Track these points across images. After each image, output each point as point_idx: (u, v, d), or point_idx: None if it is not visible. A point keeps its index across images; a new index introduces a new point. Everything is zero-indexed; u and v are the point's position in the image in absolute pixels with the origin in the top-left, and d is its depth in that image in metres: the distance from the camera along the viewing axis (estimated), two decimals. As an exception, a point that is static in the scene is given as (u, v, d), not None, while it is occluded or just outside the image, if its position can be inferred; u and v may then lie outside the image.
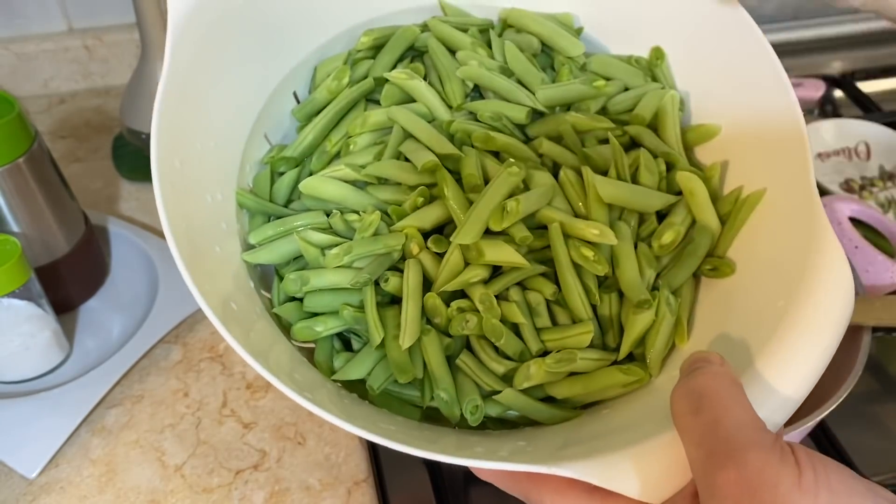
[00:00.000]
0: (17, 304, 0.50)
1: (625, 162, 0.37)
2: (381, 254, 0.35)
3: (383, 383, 0.34)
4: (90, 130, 0.77)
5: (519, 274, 0.35)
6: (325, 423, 0.52)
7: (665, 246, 0.36)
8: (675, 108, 0.40)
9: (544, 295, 0.35)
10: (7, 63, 0.78)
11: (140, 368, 0.55)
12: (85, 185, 0.71)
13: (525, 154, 0.38)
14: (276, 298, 0.37)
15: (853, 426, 0.54)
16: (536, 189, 0.36)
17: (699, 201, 0.36)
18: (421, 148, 0.37)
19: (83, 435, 0.51)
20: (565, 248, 0.35)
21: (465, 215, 0.34)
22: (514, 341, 0.34)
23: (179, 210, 0.31)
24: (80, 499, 0.48)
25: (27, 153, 0.50)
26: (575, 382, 0.34)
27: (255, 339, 0.31)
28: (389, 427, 0.31)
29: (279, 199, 0.39)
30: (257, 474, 0.49)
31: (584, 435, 0.32)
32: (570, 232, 0.35)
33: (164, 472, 0.49)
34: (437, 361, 0.34)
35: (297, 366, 0.33)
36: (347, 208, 0.37)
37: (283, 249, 0.37)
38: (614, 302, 0.36)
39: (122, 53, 0.80)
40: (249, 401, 0.54)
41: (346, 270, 0.35)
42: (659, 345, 0.34)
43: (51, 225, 0.54)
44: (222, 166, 0.37)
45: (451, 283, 0.34)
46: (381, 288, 0.35)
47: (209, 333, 0.58)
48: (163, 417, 0.53)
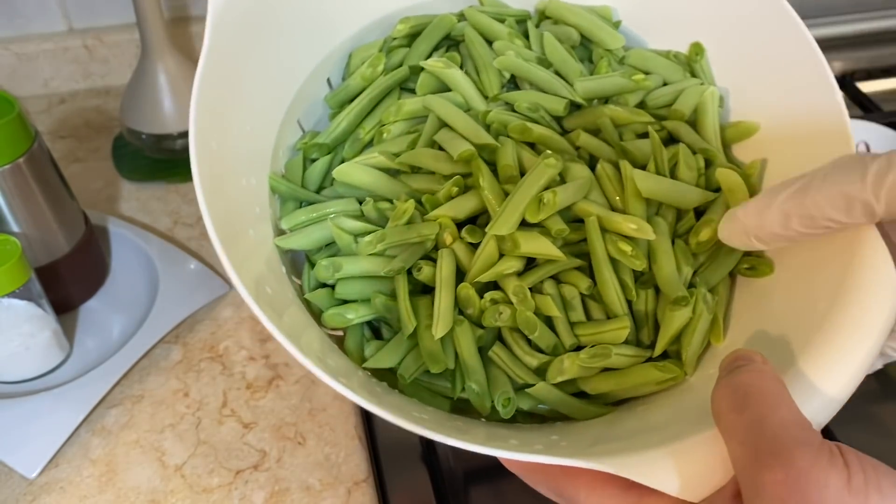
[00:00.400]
0: (18, 305, 0.50)
1: (664, 157, 0.37)
2: (415, 242, 0.35)
3: (414, 373, 0.34)
4: (90, 130, 0.77)
5: (554, 267, 0.35)
6: (325, 423, 0.52)
7: (703, 243, 0.35)
8: (715, 104, 0.40)
9: (579, 289, 0.35)
10: (7, 63, 0.78)
11: (140, 368, 0.55)
12: (85, 185, 0.71)
13: (562, 146, 0.37)
14: (307, 285, 0.36)
15: (853, 426, 0.54)
16: (574, 182, 0.35)
17: (738, 198, 0.36)
18: (456, 137, 0.36)
19: (83, 435, 0.51)
20: (602, 242, 0.34)
21: (501, 206, 0.34)
22: (547, 335, 0.34)
23: (216, 192, 0.31)
24: (80, 499, 0.48)
25: (27, 153, 0.50)
26: (609, 378, 0.33)
27: (287, 324, 0.30)
28: (422, 416, 0.30)
29: (311, 185, 0.39)
30: (257, 474, 0.50)
31: (618, 432, 0.31)
32: (608, 226, 0.34)
33: (165, 472, 0.50)
34: (469, 352, 0.33)
35: (329, 352, 0.33)
36: (380, 196, 0.37)
37: (316, 235, 0.36)
38: (650, 298, 0.35)
39: (123, 53, 0.80)
40: (249, 401, 0.54)
41: (379, 258, 0.35)
42: (695, 343, 0.34)
43: (51, 225, 0.54)
44: (257, 151, 0.37)
45: (486, 274, 0.34)
46: (414, 277, 0.35)
47: (209, 333, 0.58)
48: (163, 417, 0.53)
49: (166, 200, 0.69)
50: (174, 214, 0.68)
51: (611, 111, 0.39)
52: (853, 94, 0.86)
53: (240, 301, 0.60)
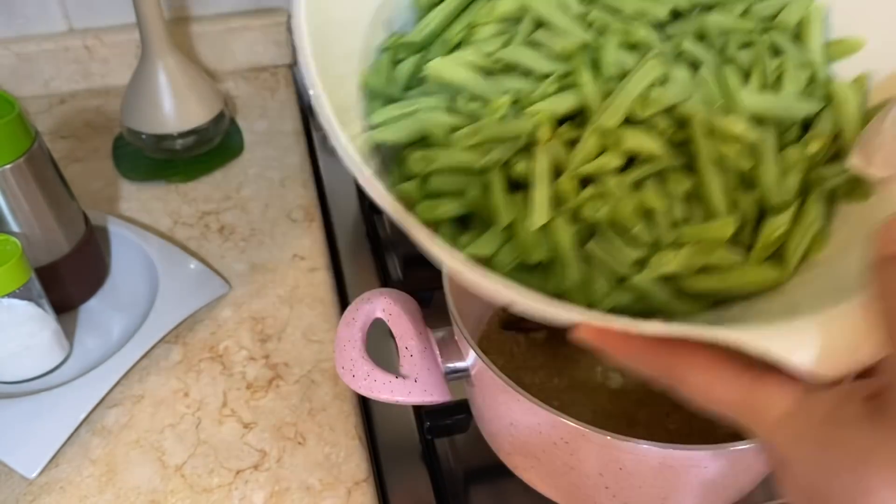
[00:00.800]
0: (18, 304, 0.50)
1: (769, 66, 0.36)
2: (511, 137, 0.34)
3: (510, 263, 0.33)
4: (90, 131, 0.77)
5: (655, 165, 0.34)
6: (325, 423, 0.52)
7: (810, 156, 0.35)
8: (821, 18, 0.39)
9: (681, 189, 0.34)
10: (7, 63, 0.78)
11: (140, 368, 0.55)
12: (85, 185, 0.71)
13: (665, 50, 0.37)
14: (392, 181, 0.36)
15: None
16: (679, 82, 0.35)
17: (849, 111, 0.35)
18: (556, 35, 0.36)
19: (83, 435, 0.51)
20: (707, 142, 0.33)
21: (606, 101, 0.33)
22: (647, 230, 0.33)
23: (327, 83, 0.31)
24: (81, 499, 0.48)
25: (27, 153, 0.50)
26: (710, 277, 0.32)
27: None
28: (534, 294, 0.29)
29: (399, 85, 0.38)
30: (257, 474, 0.50)
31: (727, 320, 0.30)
32: (713, 126, 0.34)
33: (165, 472, 0.50)
34: (566, 244, 0.32)
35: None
36: (474, 94, 0.36)
37: (411, 128, 0.35)
38: (752, 202, 0.34)
39: (123, 54, 0.81)
40: (249, 401, 0.54)
41: (474, 151, 0.34)
42: (797, 248, 0.33)
43: (51, 225, 0.54)
44: (348, 51, 0.37)
45: (586, 167, 0.33)
46: (510, 172, 0.34)
47: (209, 333, 0.58)
48: (163, 417, 0.53)
49: (166, 200, 0.69)
50: (174, 214, 0.68)
51: (715, 18, 0.38)
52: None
53: (240, 301, 0.60)
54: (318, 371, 0.56)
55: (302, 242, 0.66)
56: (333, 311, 0.60)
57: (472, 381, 0.45)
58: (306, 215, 0.68)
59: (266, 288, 0.62)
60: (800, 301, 0.27)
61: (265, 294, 0.61)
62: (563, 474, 0.43)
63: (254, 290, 0.61)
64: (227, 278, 0.62)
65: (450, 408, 0.53)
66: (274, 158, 0.74)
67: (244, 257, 0.64)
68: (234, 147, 0.75)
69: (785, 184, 0.34)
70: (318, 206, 0.70)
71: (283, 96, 0.82)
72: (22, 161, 0.50)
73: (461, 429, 0.54)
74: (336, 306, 0.61)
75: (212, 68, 0.85)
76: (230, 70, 0.85)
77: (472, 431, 0.53)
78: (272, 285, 0.62)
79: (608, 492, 0.42)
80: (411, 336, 0.45)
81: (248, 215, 0.68)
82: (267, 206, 0.69)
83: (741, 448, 0.38)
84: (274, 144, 0.76)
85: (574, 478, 0.43)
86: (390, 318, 0.46)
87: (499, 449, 0.48)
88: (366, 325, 0.46)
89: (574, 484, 0.43)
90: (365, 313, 0.46)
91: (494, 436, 0.47)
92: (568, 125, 0.35)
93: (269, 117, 0.80)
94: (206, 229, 0.67)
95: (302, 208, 0.69)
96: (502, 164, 0.34)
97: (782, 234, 0.33)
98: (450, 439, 0.54)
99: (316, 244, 0.66)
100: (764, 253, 0.33)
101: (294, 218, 0.68)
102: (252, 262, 0.64)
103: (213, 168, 0.73)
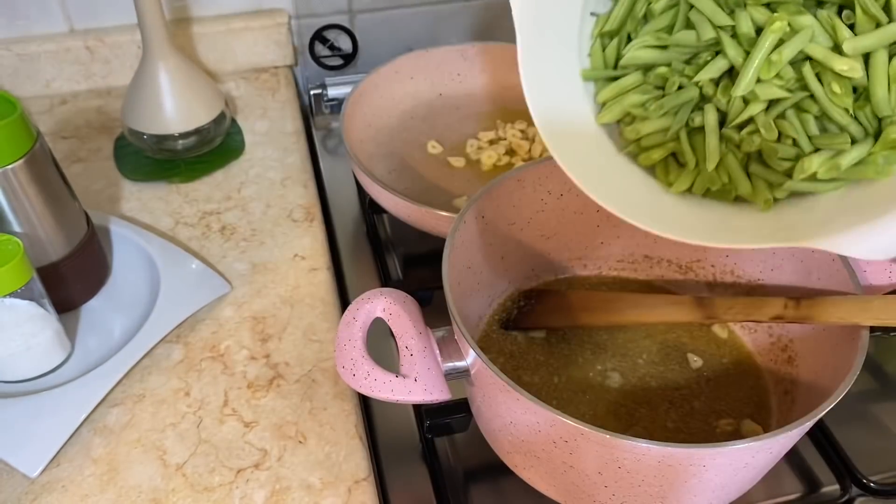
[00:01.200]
0: (19, 304, 0.50)
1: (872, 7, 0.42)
2: (685, 102, 0.46)
3: (703, 189, 0.45)
4: (92, 131, 0.78)
5: (789, 101, 0.43)
6: (326, 422, 0.52)
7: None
8: None
9: (812, 113, 0.42)
10: (9, 64, 0.79)
11: (141, 368, 0.55)
12: (87, 185, 0.71)
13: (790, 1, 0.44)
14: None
15: (851, 425, 0.55)
16: (799, 35, 0.42)
17: None
18: (704, 20, 0.45)
19: (85, 434, 0.52)
20: (818, 84, 0.42)
21: (742, 66, 0.42)
22: (790, 150, 0.43)
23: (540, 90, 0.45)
24: (82, 498, 0.48)
25: (29, 154, 0.51)
26: (835, 168, 0.41)
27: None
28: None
29: (609, 63, 0.48)
30: (258, 473, 0.50)
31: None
32: (825, 64, 0.41)
33: (166, 471, 0.50)
34: (735, 170, 0.44)
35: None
36: (660, 64, 0.47)
37: (618, 109, 0.47)
38: (871, 116, 0.42)
39: (124, 54, 0.81)
40: (251, 400, 0.54)
41: (664, 118, 0.46)
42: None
43: (52, 225, 0.54)
44: (565, 45, 0.48)
45: (738, 118, 0.43)
46: (691, 125, 0.46)
47: (210, 333, 0.58)
48: (164, 416, 0.53)
49: (168, 200, 0.70)
50: (175, 214, 0.68)
51: None
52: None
53: (241, 300, 0.60)
54: (319, 370, 0.56)
55: (302, 242, 0.66)
56: (334, 311, 0.60)
57: (472, 380, 0.46)
58: (307, 215, 0.68)
59: (267, 288, 0.62)
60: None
61: (266, 294, 0.61)
62: (563, 473, 0.43)
63: (255, 289, 0.62)
64: (228, 278, 0.62)
65: (450, 407, 0.53)
66: (274, 159, 0.74)
67: (245, 257, 0.64)
68: (235, 147, 0.75)
69: (892, 98, 0.42)
70: (319, 206, 0.70)
71: (284, 97, 0.83)
72: (24, 161, 0.50)
73: (461, 428, 0.54)
74: (336, 306, 0.61)
75: (213, 69, 0.85)
76: (231, 70, 0.86)
77: (472, 430, 0.53)
78: (273, 285, 0.62)
79: (607, 490, 0.42)
80: (411, 335, 0.45)
81: (249, 215, 0.68)
82: (268, 206, 0.69)
83: (740, 447, 0.38)
84: (274, 145, 0.76)
85: (573, 477, 0.43)
86: (390, 317, 0.46)
87: (498, 448, 0.48)
88: (366, 325, 0.46)
89: (573, 483, 0.43)
90: (365, 313, 0.46)
91: (494, 435, 0.48)
92: (724, 84, 0.45)
93: (270, 118, 0.80)
94: (208, 229, 0.67)
95: (302, 208, 0.69)
96: (685, 124, 0.46)
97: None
98: (450, 438, 0.54)
99: (316, 244, 0.66)
100: (883, 147, 0.41)
101: (295, 218, 0.68)
102: (253, 262, 0.64)
103: (214, 168, 0.73)
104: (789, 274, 0.52)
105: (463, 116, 0.78)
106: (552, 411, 0.39)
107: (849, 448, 0.52)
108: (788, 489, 0.52)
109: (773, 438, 0.38)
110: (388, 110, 0.77)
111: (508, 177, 0.53)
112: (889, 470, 0.52)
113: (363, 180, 0.65)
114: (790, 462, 0.53)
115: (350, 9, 0.83)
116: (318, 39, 0.85)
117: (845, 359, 0.43)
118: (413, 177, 0.71)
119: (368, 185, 0.65)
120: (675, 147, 0.47)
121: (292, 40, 0.85)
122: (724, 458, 0.39)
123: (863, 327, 0.43)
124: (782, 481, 0.52)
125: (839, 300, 0.45)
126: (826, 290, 0.49)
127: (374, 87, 0.75)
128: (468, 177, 0.71)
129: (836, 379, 0.42)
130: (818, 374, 0.47)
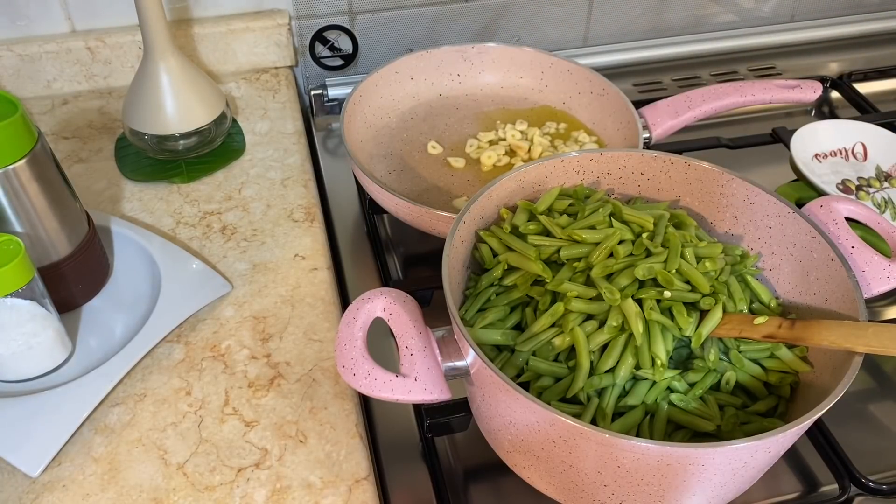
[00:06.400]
0: (21, 304, 0.51)
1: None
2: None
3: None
4: (93, 131, 0.78)
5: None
6: (326, 421, 0.53)
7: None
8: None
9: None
10: (10, 64, 0.79)
11: (142, 367, 0.56)
12: (88, 185, 0.71)
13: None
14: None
15: (850, 424, 0.55)
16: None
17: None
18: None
19: (86, 433, 0.52)
20: (641, 308, 0.47)
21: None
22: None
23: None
24: (83, 497, 0.49)
25: (30, 154, 0.51)
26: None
27: None
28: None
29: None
30: (259, 472, 0.50)
31: None
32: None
33: (167, 471, 0.50)
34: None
35: None
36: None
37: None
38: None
39: (125, 55, 0.81)
40: (251, 399, 0.54)
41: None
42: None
43: (54, 225, 0.54)
44: None
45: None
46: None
47: (211, 333, 0.58)
48: (165, 416, 0.53)
49: (168, 201, 0.70)
50: (176, 214, 0.68)
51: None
52: (850, 95, 0.87)
53: (242, 300, 0.61)
54: (319, 370, 0.56)
55: (303, 242, 0.66)
56: (334, 311, 0.61)
57: (472, 379, 0.46)
58: (307, 215, 0.69)
59: (267, 287, 0.62)
60: None
61: (267, 293, 0.61)
62: (562, 472, 0.43)
63: (255, 289, 0.62)
64: (229, 278, 0.62)
65: (450, 406, 0.53)
66: (275, 159, 0.75)
67: (246, 257, 0.64)
68: (236, 148, 0.75)
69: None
70: (319, 206, 0.70)
71: (285, 97, 0.83)
72: (25, 161, 0.50)
73: (461, 427, 0.54)
74: (337, 306, 0.61)
75: (213, 69, 0.85)
76: (232, 71, 0.86)
77: (472, 430, 0.54)
78: (273, 285, 0.62)
79: (607, 489, 0.43)
80: (411, 335, 0.46)
81: (250, 215, 0.68)
82: (268, 206, 0.69)
83: (739, 446, 0.38)
84: (275, 145, 0.76)
85: (573, 476, 0.43)
86: (391, 317, 0.46)
87: (498, 447, 0.48)
88: (366, 325, 0.46)
89: (573, 482, 0.44)
90: (365, 313, 0.46)
91: (494, 434, 0.48)
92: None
93: (271, 118, 0.80)
94: (208, 229, 0.67)
95: (303, 208, 0.69)
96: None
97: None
98: (450, 437, 0.54)
99: (317, 244, 0.66)
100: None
101: (295, 218, 0.68)
102: (253, 262, 0.64)
103: (215, 168, 0.73)
104: (787, 273, 0.52)
105: (463, 117, 0.78)
106: (552, 411, 0.39)
107: (847, 447, 0.52)
108: (787, 488, 0.52)
109: (772, 438, 0.38)
110: (388, 111, 0.77)
111: (508, 177, 0.53)
112: (887, 469, 0.52)
113: (363, 180, 0.66)
114: (789, 461, 0.53)
115: (350, 10, 0.84)
116: (319, 40, 0.85)
117: (844, 358, 0.43)
118: (413, 177, 0.72)
119: (368, 186, 0.65)
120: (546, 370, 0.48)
121: (293, 41, 0.85)
122: (722, 458, 0.40)
123: (856, 353, 0.43)
124: (781, 480, 0.52)
125: (833, 324, 0.45)
126: (823, 290, 0.49)
127: (374, 88, 0.76)
128: (468, 177, 0.72)
129: (835, 378, 0.42)
130: (817, 373, 0.47)
